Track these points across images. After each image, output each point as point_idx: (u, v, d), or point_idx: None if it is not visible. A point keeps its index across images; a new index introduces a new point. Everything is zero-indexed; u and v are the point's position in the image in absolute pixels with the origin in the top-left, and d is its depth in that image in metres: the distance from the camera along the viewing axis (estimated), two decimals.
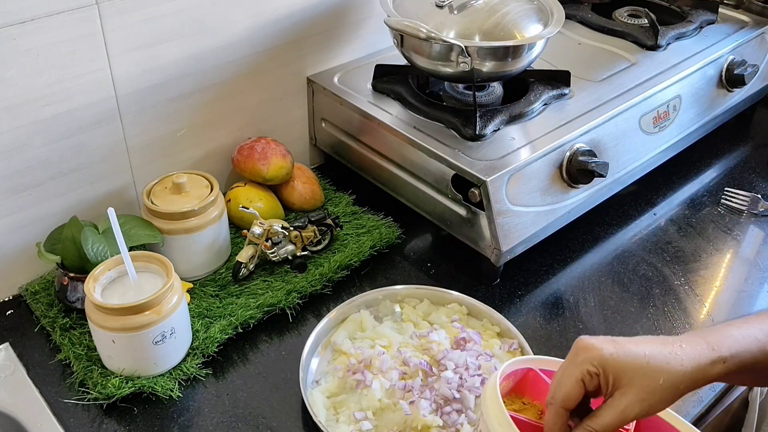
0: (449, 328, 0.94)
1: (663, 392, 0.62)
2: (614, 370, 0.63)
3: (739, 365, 0.64)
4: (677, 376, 0.63)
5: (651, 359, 0.63)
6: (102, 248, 0.94)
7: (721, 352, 0.64)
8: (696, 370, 0.63)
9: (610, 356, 0.64)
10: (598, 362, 0.64)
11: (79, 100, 0.97)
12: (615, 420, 0.63)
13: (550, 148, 1.05)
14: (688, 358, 0.63)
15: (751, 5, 1.46)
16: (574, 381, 0.64)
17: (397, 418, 0.83)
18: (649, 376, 0.62)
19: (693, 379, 0.63)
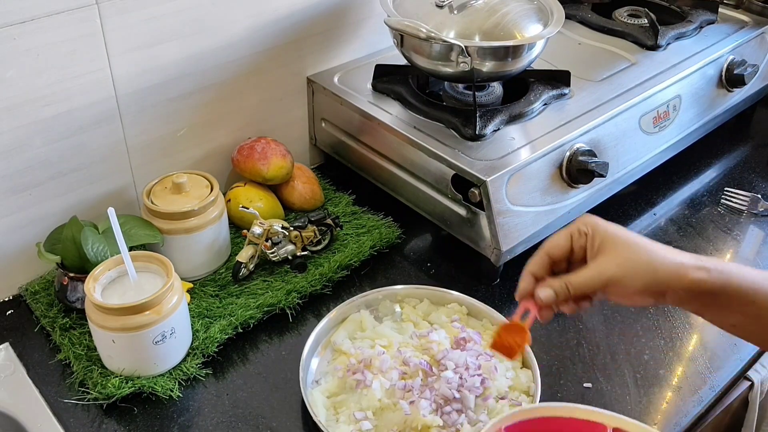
0: (449, 328, 0.94)
1: (641, 266, 0.65)
2: (603, 235, 0.68)
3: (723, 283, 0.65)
4: (659, 259, 0.65)
5: (640, 240, 0.67)
6: (102, 248, 0.94)
7: (708, 264, 0.65)
8: (678, 265, 0.65)
9: (603, 225, 0.68)
10: (590, 225, 0.69)
11: (79, 100, 0.97)
12: (591, 277, 0.67)
13: (550, 148, 1.05)
14: (674, 254, 0.66)
15: (751, 5, 1.46)
16: (563, 234, 0.70)
17: (397, 418, 0.83)
18: (633, 249, 0.66)
19: (673, 271, 0.65)
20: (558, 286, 0.69)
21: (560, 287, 0.69)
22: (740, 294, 0.65)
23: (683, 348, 0.98)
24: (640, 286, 0.66)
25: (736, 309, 0.66)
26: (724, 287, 0.65)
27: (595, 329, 1.00)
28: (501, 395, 0.86)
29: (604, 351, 0.97)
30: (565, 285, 0.69)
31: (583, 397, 0.90)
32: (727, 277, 0.65)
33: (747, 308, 0.65)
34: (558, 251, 0.70)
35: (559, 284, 0.69)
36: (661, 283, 0.66)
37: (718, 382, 0.93)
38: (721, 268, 0.65)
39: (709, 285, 0.65)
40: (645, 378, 0.93)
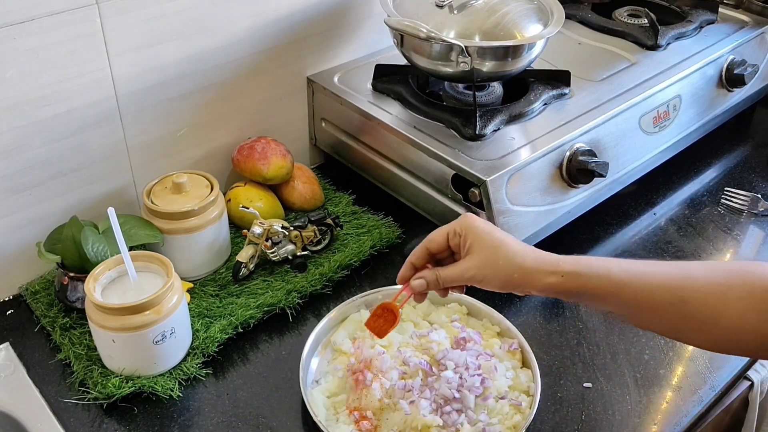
0: (449, 328, 0.94)
1: (497, 270, 0.75)
2: (473, 238, 0.77)
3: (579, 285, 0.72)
4: (514, 265, 0.74)
5: (503, 245, 0.76)
6: (102, 248, 0.94)
7: (564, 268, 0.73)
8: (533, 270, 0.74)
9: (476, 228, 0.77)
10: (465, 227, 0.78)
11: (79, 100, 0.97)
12: (455, 274, 0.78)
13: (550, 147, 1.05)
14: (531, 259, 0.75)
15: (751, 5, 1.46)
16: (443, 231, 0.80)
17: (397, 418, 0.83)
18: (493, 254, 0.75)
19: (527, 276, 0.74)
20: (430, 277, 0.80)
21: (431, 279, 0.80)
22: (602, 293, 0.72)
23: (683, 348, 0.98)
24: (497, 286, 0.76)
25: (602, 302, 0.74)
26: (581, 288, 0.72)
27: (595, 329, 1.00)
28: (501, 395, 0.86)
29: (604, 351, 0.97)
30: (435, 277, 0.80)
31: (583, 397, 0.90)
32: (582, 280, 0.72)
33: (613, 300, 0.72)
34: (436, 246, 0.81)
35: (431, 276, 0.80)
36: (517, 286, 0.75)
37: (718, 382, 0.93)
38: (576, 269, 0.72)
39: (564, 288, 0.73)
40: (645, 378, 0.93)
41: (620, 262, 0.73)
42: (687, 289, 0.69)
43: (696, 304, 0.69)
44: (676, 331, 0.73)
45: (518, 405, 0.85)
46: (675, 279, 0.70)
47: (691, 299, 0.69)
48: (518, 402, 0.85)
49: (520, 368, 0.91)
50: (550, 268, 0.74)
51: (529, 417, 0.83)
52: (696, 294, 0.69)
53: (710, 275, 0.70)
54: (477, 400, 0.84)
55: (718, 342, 0.71)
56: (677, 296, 0.69)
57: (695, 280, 0.70)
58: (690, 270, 0.71)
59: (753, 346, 0.69)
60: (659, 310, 0.70)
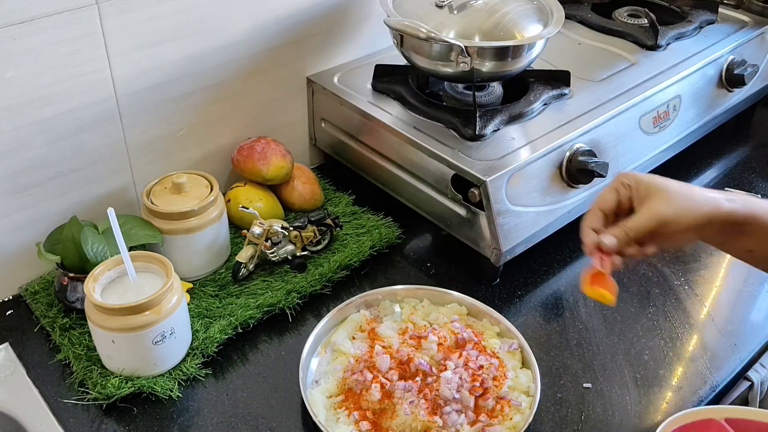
0: (449, 328, 0.94)
1: (686, 201, 0.74)
2: (646, 183, 0.76)
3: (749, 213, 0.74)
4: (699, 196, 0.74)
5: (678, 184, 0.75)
6: (102, 248, 0.94)
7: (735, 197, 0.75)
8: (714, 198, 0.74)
9: (642, 175, 0.76)
10: (632, 178, 0.77)
11: (79, 100, 0.97)
12: (647, 218, 0.74)
13: (550, 148, 1.05)
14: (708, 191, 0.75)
15: (751, 5, 1.46)
16: (609, 189, 0.78)
17: (396, 418, 0.83)
18: (678, 191, 0.74)
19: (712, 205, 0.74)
20: (617, 232, 0.76)
21: (620, 232, 0.76)
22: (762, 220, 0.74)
23: (683, 348, 0.98)
24: (690, 222, 0.74)
25: (756, 235, 0.76)
26: (749, 216, 0.75)
27: (595, 329, 1.00)
28: (501, 395, 0.86)
29: (604, 351, 0.97)
30: (623, 230, 0.75)
31: (583, 397, 0.90)
32: (750, 207, 0.75)
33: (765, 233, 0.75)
34: (607, 205, 0.78)
35: (618, 230, 0.76)
36: (705, 216, 0.74)
37: (718, 382, 0.93)
38: (745, 199, 0.75)
39: (738, 215, 0.74)
40: (645, 378, 0.93)
41: None
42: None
43: None
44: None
45: (518, 405, 0.85)
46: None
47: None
48: (518, 402, 0.85)
49: (520, 368, 0.91)
50: (724, 195, 0.75)
51: (529, 417, 0.83)
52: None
53: None
54: (477, 400, 0.84)
55: None
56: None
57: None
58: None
59: None
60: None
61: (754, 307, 1.05)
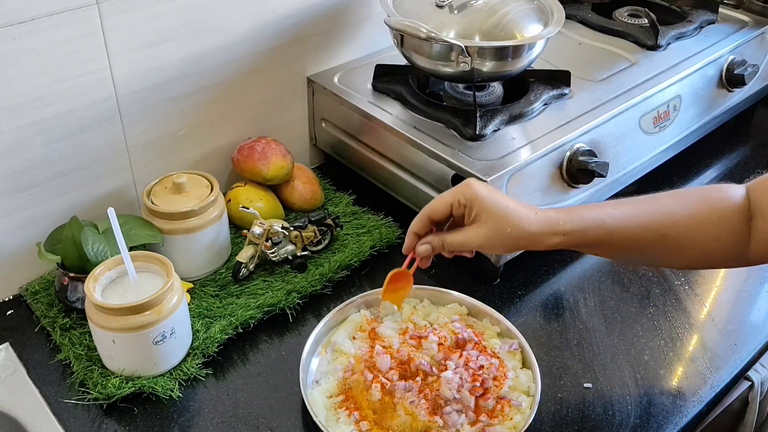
0: (449, 328, 0.94)
1: (505, 238, 0.79)
2: (479, 208, 0.79)
3: (578, 240, 0.79)
4: (521, 231, 0.78)
5: (509, 212, 0.79)
6: (102, 248, 0.94)
7: (565, 228, 0.79)
8: (538, 234, 0.79)
9: (481, 197, 0.79)
10: (469, 198, 0.80)
11: (79, 100, 0.97)
12: (461, 241, 0.80)
13: (550, 148, 1.05)
14: (536, 223, 0.79)
15: (751, 5, 1.46)
16: (444, 201, 0.81)
17: (397, 418, 0.83)
18: (501, 223, 0.78)
19: (533, 240, 0.79)
20: (435, 242, 0.82)
21: (437, 243, 0.82)
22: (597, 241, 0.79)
23: (683, 348, 0.98)
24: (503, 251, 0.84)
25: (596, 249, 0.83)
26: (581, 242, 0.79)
27: (595, 329, 1.00)
28: (501, 395, 0.86)
29: (604, 351, 0.97)
30: (441, 242, 0.82)
31: (583, 397, 0.90)
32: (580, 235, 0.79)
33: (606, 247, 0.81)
34: (438, 216, 0.82)
35: (436, 241, 0.82)
36: (522, 247, 0.81)
37: (718, 382, 0.93)
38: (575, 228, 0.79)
39: (565, 245, 0.79)
40: (645, 378, 0.93)
41: (610, 209, 0.80)
42: (667, 226, 0.78)
43: (675, 236, 0.78)
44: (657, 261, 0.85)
45: (518, 405, 0.85)
46: (656, 218, 0.79)
47: (671, 233, 0.78)
48: (518, 402, 0.85)
49: (520, 368, 0.91)
50: (552, 229, 0.79)
51: (529, 417, 0.83)
52: (675, 228, 0.78)
53: (684, 207, 0.79)
54: (477, 400, 0.84)
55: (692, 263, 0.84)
56: (660, 234, 0.78)
57: (672, 215, 0.79)
58: (666, 205, 0.80)
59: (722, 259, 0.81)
60: (645, 248, 0.80)
61: (754, 307, 1.05)
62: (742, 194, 0.79)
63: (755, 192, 0.79)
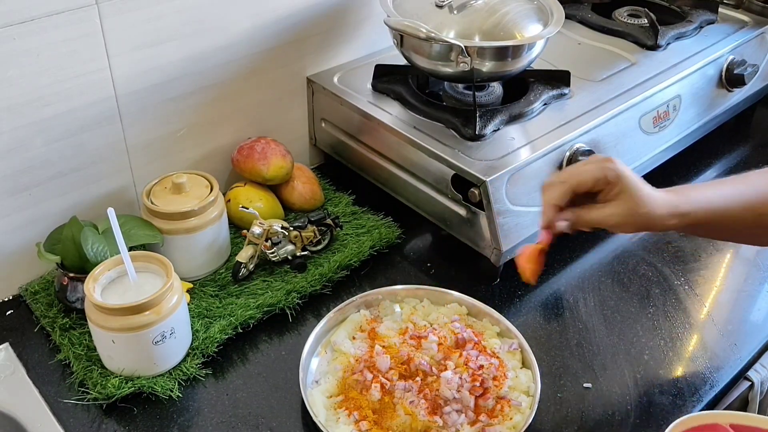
0: (449, 328, 0.94)
1: (638, 219, 0.79)
2: (622, 187, 0.78)
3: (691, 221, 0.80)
4: (652, 213, 0.79)
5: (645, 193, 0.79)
6: (102, 248, 0.94)
7: (681, 210, 0.80)
8: (661, 216, 0.79)
9: (626, 176, 0.79)
10: (618, 174, 0.78)
11: (79, 100, 0.97)
12: (598, 218, 0.80)
13: (550, 148, 1.05)
14: (663, 206, 0.79)
15: (751, 5, 1.46)
16: (592, 174, 0.79)
17: (396, 418, 0.83)
18: (639, 203, 0.78)
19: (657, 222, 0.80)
20: (574, 220, 0.81)
21: (576, 220, 0.81)
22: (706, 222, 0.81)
23: (683, 348, 0.98)
24: (630, 230, 0.83)
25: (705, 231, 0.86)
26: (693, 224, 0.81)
27: (595, 329, 1.00)
28: (501, 395, 0.86)
29: (604, 351, 0.97)
30: (579, 219, 0.81)
31: (583, 398, 0.90)
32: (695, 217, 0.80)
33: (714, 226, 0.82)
34: (582, 188, 0.80)
35: (575, 218, 0.81)
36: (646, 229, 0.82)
37: (717, 382, 0.93)
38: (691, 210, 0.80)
39: (681, 226, 0.81)
40: (645, 378, 0.93)
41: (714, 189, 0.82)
42: (763, 205, 0.81)
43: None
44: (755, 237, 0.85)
45: (518, 405, 0.85)
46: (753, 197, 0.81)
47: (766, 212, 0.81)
48: (518, 402, 0.85)
49: (520, 368, 0.91)
50: (672, 212, 0.80)
51: (529, 417, 0.83)
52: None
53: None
54: (477, 400, 0.84)
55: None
56: (757, 212, 0.81)
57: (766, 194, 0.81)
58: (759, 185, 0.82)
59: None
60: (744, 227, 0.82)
61: (754, 307, 1.05)
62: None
63: None
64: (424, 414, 0.82)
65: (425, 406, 0.83)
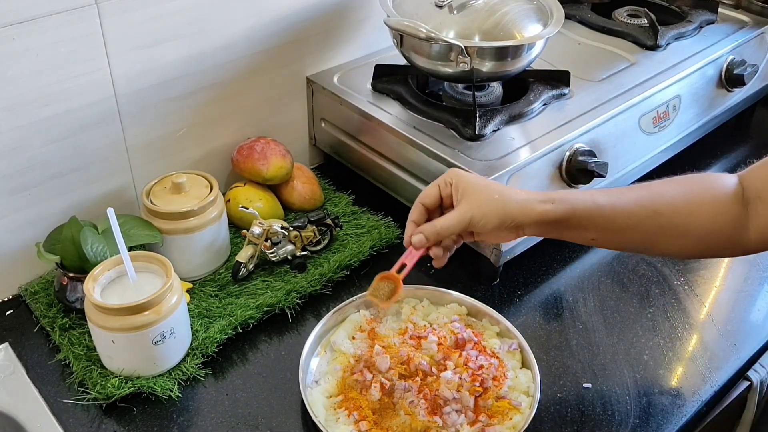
0: (449, 328, 0.94)
1: (494, 206, 0.79)
2: (464, 185, 0.81)
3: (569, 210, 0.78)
4: (508, 198, 0.79)
5: (493, 184, 0.81)
6: (101, 248, 0.94)
7: (554, 196, 0.79)
8: (526, 201, 0.79)
9: (465, 175, 0.82)
10: (454, 176, 0.82)
11: (79, 100, 0.97)
12: (455, 220, 0.80)
13: (550, 148, 1.05)
14: (523, 193, 0.80)
15: (751, 5, 1.46)
16: (433, 185, 0.84)
17: (396, 418, 0.83)
18: (487, 192, 0.80)
19: (521, 206, 0.79)
20: (428, 230, 0.82)
21: (430, 231, 0.82)
22: (588, 216, 0.78)
23: (683, 348, 0.98)
24: (496, 224, 0.79)
25: (587, 227, 0.80)
26: (570, 213, 0.78)
27: (595, 329, 1.00)
28: (500, 395, 0.86)
29: (604, 351, 0.97)
30: (433, 228, 0.82)
31: (583, 398, 0.90)
32: (571, 205, 0.78)
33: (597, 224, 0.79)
34: (429, 200, 0.84)
35: (429, 228, 0.82)
36: (513, 218, 0.79)
37: (717, 382, 0.93)
38: (565, 197, 0.79)
39: (556, 214, 0.78)
40: (645, 378, 0.93)
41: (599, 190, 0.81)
42: (659, 203, 0.77)
43: (669, 213, 0.77)
44: (652, 243, 0.80)
45: (518, 405, 0.85)
46: (648, 195, 0.79)
47: (664, 210, 0.77)
48: (518, 402, 0.85)
49: (519, 368, 0.91)
50: (541, 197, 0.79)
51: (529, 417, 0.83)
52: (668, 205, 0.77)
53: (677, 188, 0.79)
54: (476, 400, 0.84)
55: (690, 247, 0.79)
56: (651, 209, 0.77)
57: (664, 193, 0.78)
58: (658, 187, 0.80)
59: (720, 246, 0.78)
60: (637, 225, 0.78)
61: (754, 307, 1.05)
62: (734, 181, 0.79)
63: (752, 179, 0.78)
64: (424, 414, 0.82)
65: (425, 407, 0.83)
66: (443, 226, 0.81)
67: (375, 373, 0.86)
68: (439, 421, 0.82)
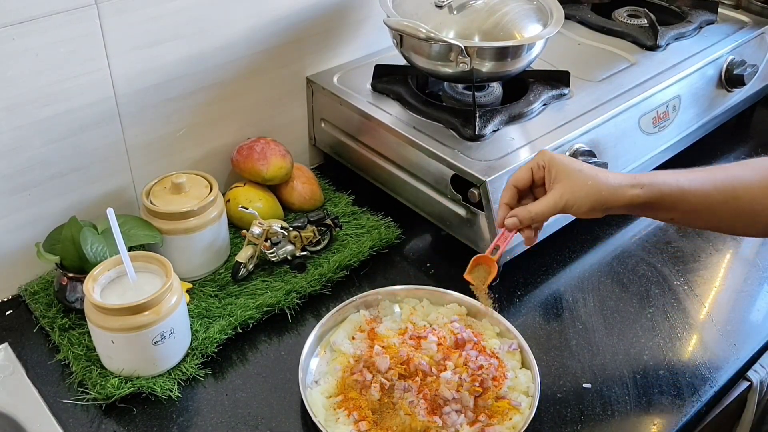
0: (449, 328, 0.94)
1: (588, 190, 0.81)
2: (557, 167, 0.82)
3: (656, 195, 0.80)
4: (601, 183, 0.81)
5: (585, 169, 0.82)
6: (101, 248, 0.94)
7: (643, 181, 0.81)
8: (617, 186, 0.81)
9: (557, 158, 0.83)
10: (547, 160, 0.83)
11: (79, 100, 0.97)
12: (548, 204, 0.83)
13: (550, 148, 1.05)
14: (614, 177, 0.82)
15: (751, 5, 1.46)
16: (525, 168, 0.85)
17: (396, 418, 0.83)
18: (580, 177, 0.81)
19: (613, 192, 0.81)
20: (522, 214, 0.84)
21: (524, 215, 0.84)
22: (672, 199, 0.81)
23: (683, 348, 0.98)
24: (588, 208, 0.82)
25: (671, 209, 0.82)
26: (658, 198, 0.81)
27: (594, 329, 1.00)
28: (500, 395, 0.86)
29: (603, 351, 0.97)
30: (527, 212, 0.84)
31: (583, 398, 0.90)
32: (659, 189, 0.80)
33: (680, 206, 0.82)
34: (522, 183, 0.85)
35: (523, 212, 0.84)
36: (605, 203, 0.81)
37: (717, 382, 0.93)
38: (653, 181, 0.81)
39: (644, 198, 0.81)
40: (645, 378, 0.93)
41: (682, 172, 0.82)
42: (738, 188, 0.81)
43: (747, 199, 0.80)
44: (730, 225, 0.85)
45: (518, 405, 0.85)
46: (727, 181, 0.81)
47: (742, 196, 0.80)
48: (518, 402, 0.85)
49: (519, 369, 0.91)
50: (632, 182, 0.81)
51: (528, 417, 0.83)
52: (746, 191, 0.80)
53: (754, 173, 0.81)
54: (476, 400, 0.84)
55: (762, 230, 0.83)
56: (731, 195, 0.81)
57: (743, 178, 0.81)
58: (736, 170, 0.83)
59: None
60: (717, 209, 0.81)
61: (754, 307, 1.05)
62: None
63: None
64: (424, 414, 0.82)
65: (424, 407, 0.83)
66: (538, 212, 0.83)
67: (375, 373, 0.86)
68: (438, 421, 0.82)
